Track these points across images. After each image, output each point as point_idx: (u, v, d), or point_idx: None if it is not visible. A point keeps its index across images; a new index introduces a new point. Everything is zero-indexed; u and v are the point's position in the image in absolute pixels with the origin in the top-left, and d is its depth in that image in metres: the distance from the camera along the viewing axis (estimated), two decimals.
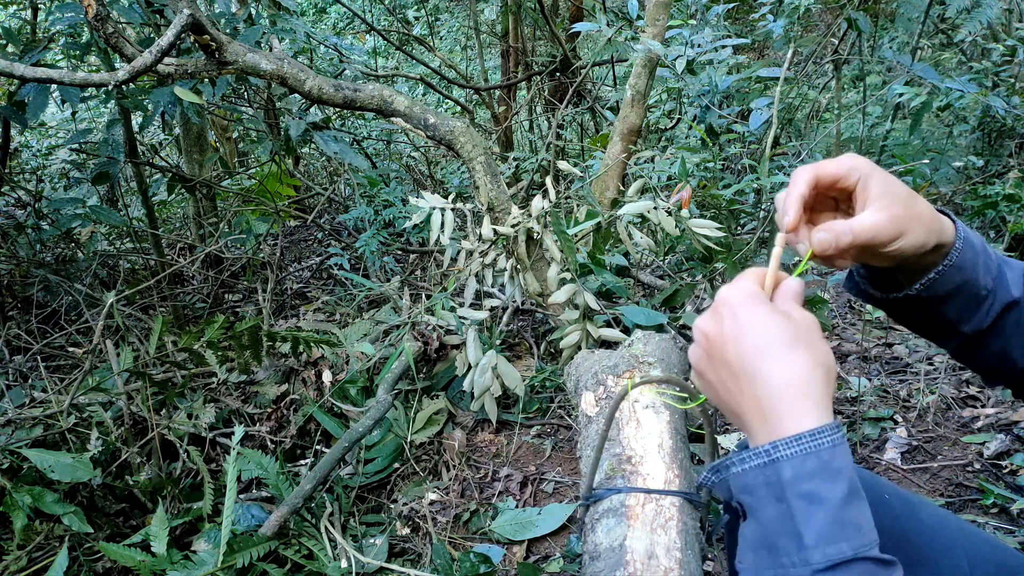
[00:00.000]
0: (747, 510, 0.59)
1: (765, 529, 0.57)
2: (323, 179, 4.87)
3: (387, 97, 2.27)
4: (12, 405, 2.03)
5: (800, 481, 0.55)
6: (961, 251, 0.71)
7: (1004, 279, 0.74)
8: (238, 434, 1.67)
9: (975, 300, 0.73)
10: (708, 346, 0.63)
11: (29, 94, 2.42)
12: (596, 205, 2.39)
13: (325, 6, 9.44)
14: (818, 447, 0.56)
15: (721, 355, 0.62)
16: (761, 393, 0.59)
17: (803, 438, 0.56)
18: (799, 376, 0.58)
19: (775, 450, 0.57)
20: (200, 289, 3.45)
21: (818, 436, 0.56)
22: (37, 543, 1.61)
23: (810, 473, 0.55)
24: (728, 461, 0.60)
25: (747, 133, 2.74)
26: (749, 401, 0.60)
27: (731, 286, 0.64)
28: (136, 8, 2.49)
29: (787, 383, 0.58)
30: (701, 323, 0.64)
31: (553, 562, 1.74)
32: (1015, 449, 1.84)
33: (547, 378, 2.34)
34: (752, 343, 0.60)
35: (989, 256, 0.74)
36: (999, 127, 3.30)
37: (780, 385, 0.58)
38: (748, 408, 0.60)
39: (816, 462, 0.55)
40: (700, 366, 0.65)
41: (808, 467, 0.55)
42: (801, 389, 0.58)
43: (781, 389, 0.58)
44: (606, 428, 1.08)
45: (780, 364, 0.58)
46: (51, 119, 5.69)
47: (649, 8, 3.06)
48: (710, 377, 0.64)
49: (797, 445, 0.56)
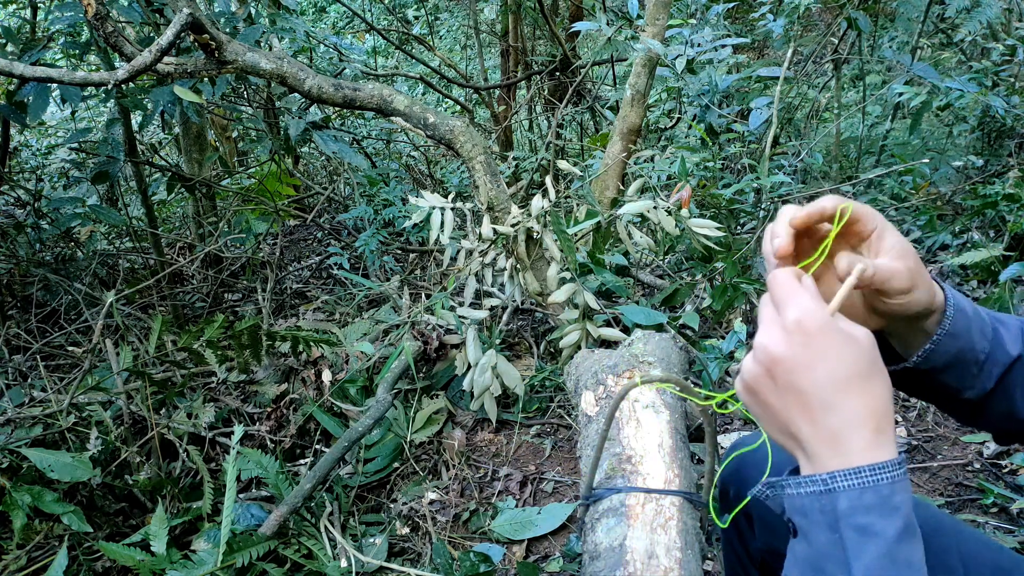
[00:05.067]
0: (798, 530, 0.59)
1: (815, 552, 0.57)
2: (323, 178, 4.87)
3: (387, 96, 2.27)
4: (12, 404, 2.03)
5: (856, 513, 0.55)
6: (953, 318, 0.71)
7: (1000, 339, 0.73)
8: (238, 433, 1.67)
9: (974, 366, 0.72)
10: (774, 370, 0.60)
11: (29, 93, 2.41)
12: (596, 204, 2.38)
13: (325, 5, 9.43)
14: (877, 482, 0.55)
15: (790, 381, 0.59)
16: (835, 424, 0.57)
17: (863, 471, 0.55)
18: (874, 409, 0.57)
19: (833, 480, 0.56)
20: (200, 288, 3.45)
21: (879, 471, 0.55)
22: (37, 542, 1.61)
23: (867, 507, 0.55)
24: (784, 481, 0.60)
25: (747, 132, 2.74)
26: (820, 431, 0.58)
27: (800, 308, 0.60)
28: (136, 7, 2.48)
29: (864, 417, 0.57)
30: (768, 344, 0.61)
31: (553, 561, 1.74)
32: (1015, 449, 1.85)
33: (547, 377, 2.34)
34: (829, 375, 0.58)
35: (982, 319, 0.73)
36: (999, 127, 3.30)
37: (857, 419, 0.57)
38: (814, 437, 0.58)
39: (874, 497, 0.55)
40: (758, 386, 0.62)
41: (866, 501, 0.55)
42: (875, 423, 0.57)
43: (858, 423, 0.57)
44: (606, 427, 1.08)
45: (857, 398, 0.57)
46: (51, 118, 5.68)
47: (649, 7, 3.06)
48: (770, 400, 0.61)
49: (856, 478, 0.56)
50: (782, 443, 0.62)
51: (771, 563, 1.05)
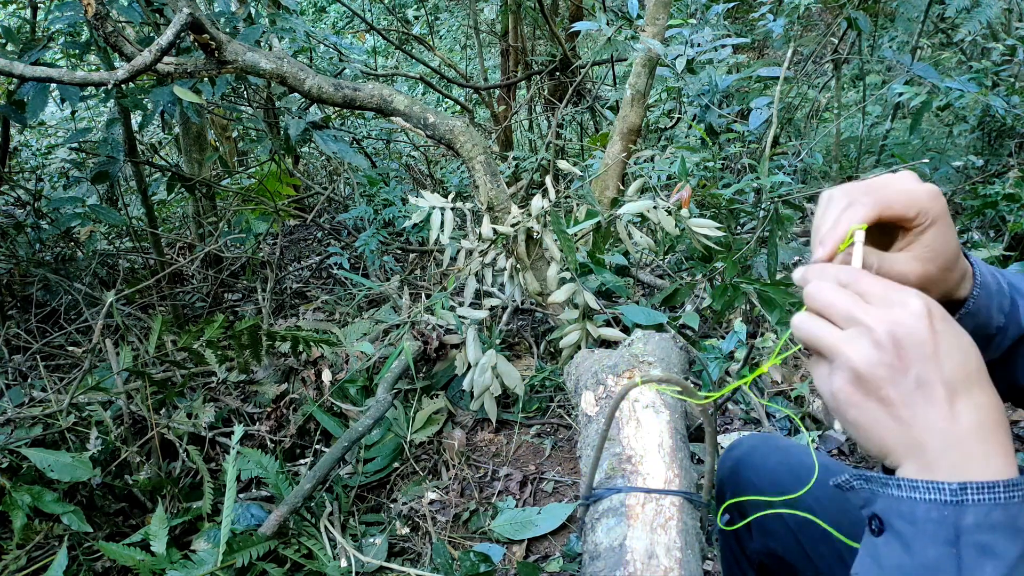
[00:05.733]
0: (894, 533, 0.54)
1: (917, 564, 0.52)
2: (323, 178, 4.87)
3: (387, 96, 2.27)
4: (11, 404, 2.03)
5: (980, 531, 0.50)
6: (976, 298, 0.68)
7: (1016, 312, 0.71)
8: (238, 433, 1.67)
9: (984, 339, 0.70)
10: (902, 355, 0.53)
11: (28, 93, 2.41)
12: (596, 204, 2.38)
13: (324, 5, 9.43)
14: (1008, 499, 0.51)
15: (920, 372, 0.53)
16: (965, 419, 0.52)
17: (998, 487, 0.51)
18: (998, 409, 0.53)
19: (964, 492, 0.51)
20: (200, 288, 3.45)
21: (1013, 488, 0.51)
22: (36, 542, 1.61)
23: (993, 525, 0.50)
24: (889, 480, 0.54)
25: (747, 132, 2.74)
26: (949, 433, 0.52)
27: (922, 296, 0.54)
28: (135, 7, 2.48)
29: (991, 419, 0.53)
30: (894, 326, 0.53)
31: (553, 561, 1.74)
32: (1016, 449, 1.84)
33: (547, 377, 2.34)
34: (964, 364, 0.53)
35: (1003, 293, 0.71)
36: (999, 126, 3.30)
37: (987, 418, 0.53)
38: (942, 438, 0.52)
39: (1002, 515, 0.50)
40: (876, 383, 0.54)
41: (993, 518, 0.50)
42: (1003, 429, 0.53)
43: (991, 426, 0.52)
44: (606, 427, 1.08)
45: (986, 397, 0.53)
46: (50, 118, 5.69)
47: (649, 7, 3.06)
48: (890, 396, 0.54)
49: (990, 492, 0.51)
50: (887, 448, 0.55)
51: (768, 565, 1.05)
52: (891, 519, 0.54)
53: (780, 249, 2.19)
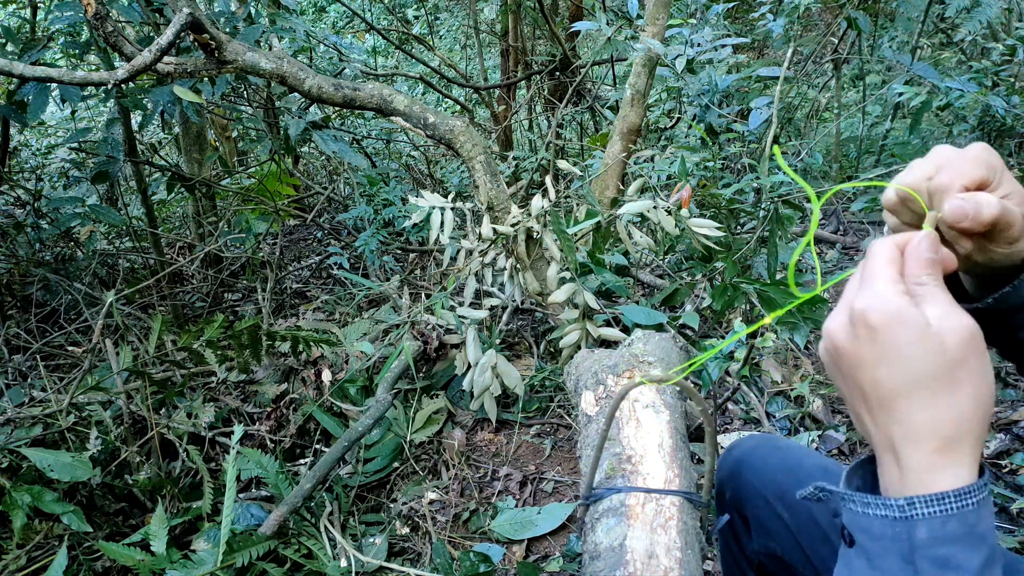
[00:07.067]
0: (859, 547, 0.53)
1: None
2: (322, 178, 4.87)
3: (387, 96, 2.27)
4: (11, 404, 2.03)
5: (936, 544, 0.48)
6: None
7: None
8: (237, 433, 1.67)
9: None
10: (838, 359, 0.54)
11: (29, 93, 2.41)
12: (596, 204, 2.38)
13: (324, 5, 9.43)
14: (963, 508, 0.48)
15: (853, 376, 0.53)
16: (897, 436, 0.50)
17: (948, 497, 0.48)
18: (946, 423, 0.49)
19: (911, 507, 0.49)
20: (199, 288, 3.45)
21: (964, 497, 0.48)
22: (36, 542, 1.61)
23: (950, 537, 0.48)
24: (845, 494, 0.53)
25: (747, 132, 2.74)
26: (882, 438, 0.52)
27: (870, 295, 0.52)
28: (135, 7, 2.48)
29: (931, 432, 0.49)
30: (833, 329, 0.54)
31: (553, 561, 1.74)
32: (1015, 448, 1.85)
33: (547, 377, 2.34)
34: (890, 377, 0.50)
35: None
36: (999, 126, 3.30)
37: (922, 433, 0.49)
38: (880, 443, 0.52)
39: (959, 525, 0.48)
40: (830, 371, 0.56)
41: (948, 530, 0.48)
42: (945, 441, 0.49)
43: (922, 437, 0.49)
44: (606, 427, 1.08)
45: (924, 408, 0.49)
46: (50, 118, 5.68)
47: (649, 7, 3.06)
48: (838, 383, 0.55)
49: (939, 504, 0.48)
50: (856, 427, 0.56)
51: (767, 565, 1.05)
52: (855, 533, 0.53)
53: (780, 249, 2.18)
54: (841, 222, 3.61)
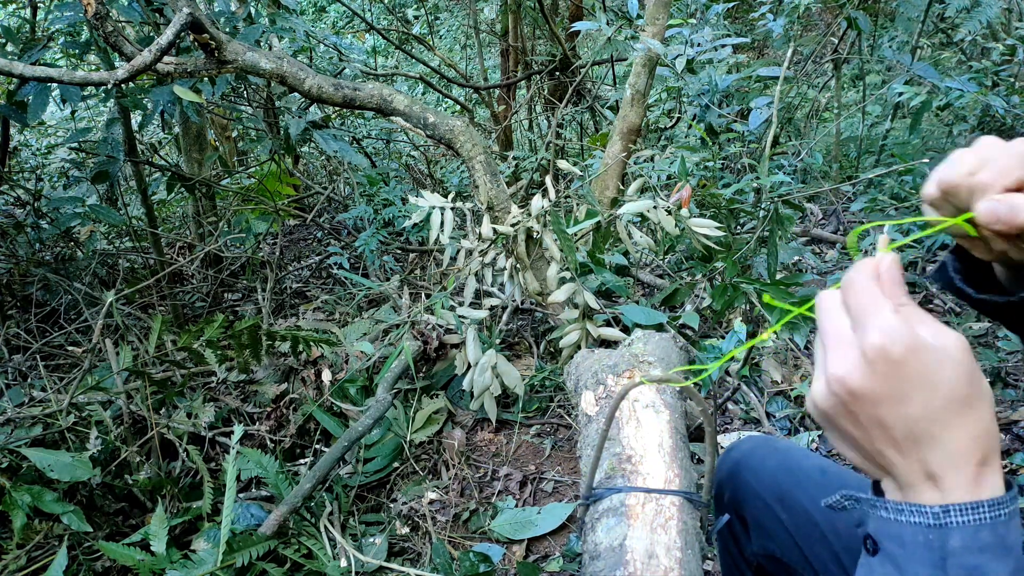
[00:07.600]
0: (886, 555, 0.53)
1: None
2: (322, 178, 4.87)
3: (387, 96, 2.27)
4: (11, 404, 2.03)
5: (968, 553, 0.49)
6: None
7: None
8: (237, 433, 1.67)
9: None
10: (854, 405, 0.52)
11: (29, 93, 2.41)
12: (596, 204, 2.38)
13: (324, 5, 9.43)
14: (995, 518, 0.49)
15: (875, 416, 0.51)
16: (934, 462, 0.50)
17: (982, 507, 0.49)
18: (978, 436, 0.50)
19: (946, 515, 0.49)
20: (199, 288, 3.45)
21: (997, 507, 0.49)
22: (36, 542, 1.61)
23: (981, 546, 0.49)
24: (876, 501, 0.53)
25: (747, 132, 2.74)
26: (914, 465, 0.51)
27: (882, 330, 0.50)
28: (135, 7, 2.48)
29: (973, 448, 0.50)
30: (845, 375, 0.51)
31: (553, 561, 1.74)
32: (1015, 449, 1.85)
33: (547, 377, 2.34)
34: (924, 408, 0.49)
35: None
36: (999, 126, 3.30)
37: (965, 452, 0.50)
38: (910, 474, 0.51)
39: (990, 535, 0.49)
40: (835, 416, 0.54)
41: (981, 539, 0.49)
42: (981, 453, 0.50)
43: (966, 456, 0.50)
44: (606, 427, 1.08)
45: (959, 428, 0.50)
46: (50, 118, 5.68)
47: (649, 7, 3.06)
48: (850, 431, 0.53)
49: (974, 514, 0.49)
50: (864, 469, 0.55)
51: (766, 566, 1.05)
52: (882, 540, 0.53)
53: (780, 249, 2.19)
54: (841, 222, 3.61)
